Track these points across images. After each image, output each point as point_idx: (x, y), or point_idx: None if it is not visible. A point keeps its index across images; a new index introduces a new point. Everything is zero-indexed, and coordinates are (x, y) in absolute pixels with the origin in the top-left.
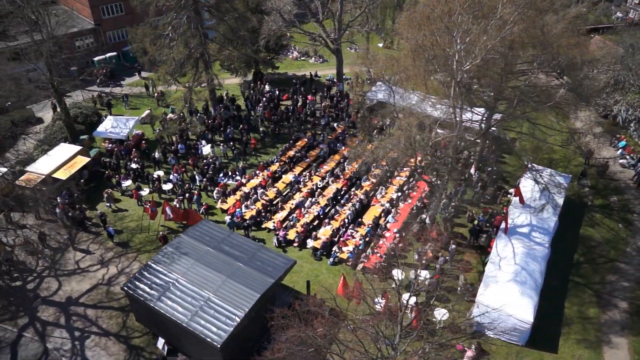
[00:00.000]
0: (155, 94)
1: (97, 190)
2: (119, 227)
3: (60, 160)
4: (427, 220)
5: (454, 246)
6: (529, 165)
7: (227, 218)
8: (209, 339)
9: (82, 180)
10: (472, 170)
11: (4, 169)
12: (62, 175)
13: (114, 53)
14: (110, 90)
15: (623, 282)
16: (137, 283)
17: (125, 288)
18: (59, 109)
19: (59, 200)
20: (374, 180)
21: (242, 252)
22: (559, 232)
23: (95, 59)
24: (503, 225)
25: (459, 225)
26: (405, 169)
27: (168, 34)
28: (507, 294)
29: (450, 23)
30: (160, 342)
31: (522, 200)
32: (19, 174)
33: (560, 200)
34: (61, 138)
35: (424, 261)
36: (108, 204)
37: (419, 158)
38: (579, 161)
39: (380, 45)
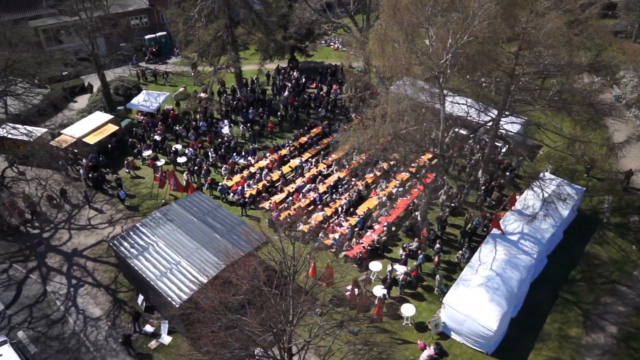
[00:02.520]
0: (193, 73)
1: (121, 156)
2: (132, 192)
3: (92, 126)
4: (418, 218)
5: (438, 246)
6: (542, 174)
7: (231, 194)
8: (169, 298)
9: (109, 146)
10: (480, 173)
11: (44, 129)
12: (91, 140)
13: (164, 32)
14: (155, 67)
15: (619, 306)
16: (122, 241)
17: (112, 244)
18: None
19: (84, 161)
20: (378, 173)
21: (223, 225)
22: (561, 245)
23: (146, 37)
24: (495, 230)
25: (455, 226)
26: (413, 164)
27: (194, 15)
28: (475, 299)
29: (419, 14)
30: (140, 298)
31: (511, 207)
32: (57, 135)
33: (564, 212)
34: (100, 107)
35: (402, 257)
36: (127, 170)
37: (429, 156)
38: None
39: None
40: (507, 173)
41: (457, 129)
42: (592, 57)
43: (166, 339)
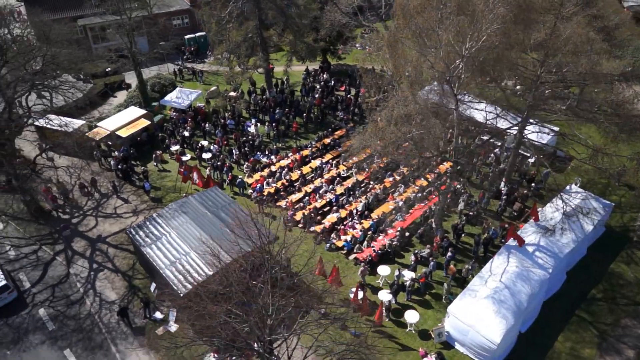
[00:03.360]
0: (225, 73)
1: (152, 150)
2: (158, 185)
3: (126, 120)
4: (433, 225)
5: (450, 254)
6: (568, 187)
7: (250, 191)
8: (175, 287)
9: (138, 139)
10: (502, 183)
11: (82, 122)
12: (123, 133)
13: (203, 33)
14: (192, 66)
15: None
16: (138, 230)
17: (128, 232)
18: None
19: (116, 153)
20: (398, 178)
21: (234, 220)
22: (584, 261)
23: (186, 37)
24: (512, 241)
25: (472, 235)
26: (435, 171)
27: (225, 16)
28: (480, 310)
29: (429, 17)
30: (153, 286)
31: (535, 219)
32: (94, 127)
33: (588, 227)
34: (137, 102)
35: (412, 262)
36: (155, 163)
37: (450, 164)
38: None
39: None
40: (533, 184)
41: (484, 137)
42: (623, 65)
43: (173, 326)
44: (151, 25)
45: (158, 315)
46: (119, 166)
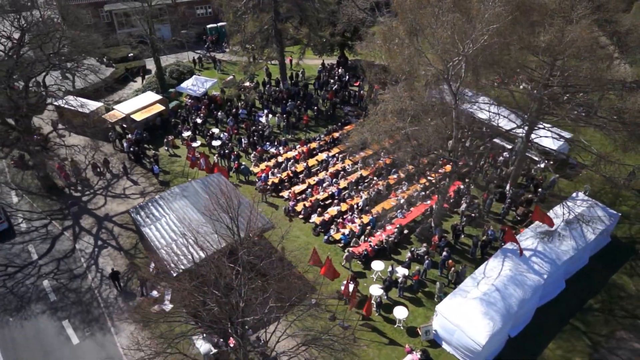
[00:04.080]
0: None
1: (165, 135)
2: (167, 169)
3: (141, 105)
4: (432, 224)
5: (445, 253)
6: (575, 194)
7: (257, 182)
8: (168, 267)
9: (152, 124)
10: (508, 186)
11: (100, 104)
12: (138, 117)
13: (224, 23)
14: (211, 54)
15: (635, 343)
16: (140, 210)
17: (130, 212)
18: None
19: (129, 136)
20: (402, 175)
21: (233, 207)
22: (585, 270)
23: (208, 26)
24: (511, 245)
25: (471, 236)
26: (440, 170)
27: (241, 7)
28: (468, 311)
29: (425, 14)
30: (152, 265)
31: (548, 223)
32: (110, 110)
33: (590, 236)
34: (154, 88)
35: (407, 260)
36: (167, 148)
37: (460, 163)
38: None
39: None
40: (539, 190)
41: (495, 140)
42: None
43: (168, 306)
44: (173, 14)
45: (154, 293)
46: (131, 149)
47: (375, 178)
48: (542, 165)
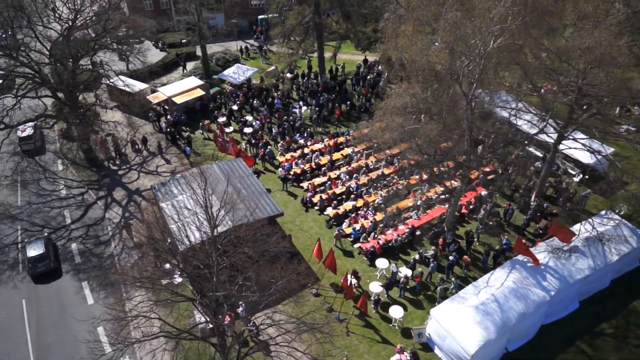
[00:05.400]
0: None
1: (202, 119)
2: (199, 151)
3: (183, 89)
4: (445, 228)
5: (452, 258)
6: (604, 212)
7: (280, 170)
8: (178, 243)
9: (190, 108)
10: (533, 197)
11: (146, 85)
12: (178, 99)
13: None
14: (259, 44)
15: None
16: (161, 186)
17: (152, 187)
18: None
19: (169, 117)
20: (425, 177)
21: (247, 191)
22: (603, 293)
23: (259, 17)
24: (522, 257)
25: (485, 244)
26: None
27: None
28: (462, 318)
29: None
30: (168, 240)
31: (567, 240)
32: (155, 92)
33: (613, 258)
34: (199, 74)
35: (412, 260)
36: (202, 131)
37: (487, 169)
38: None
39: None
40: (568, 204)
41: (528, 148)
42: None
43: (178, 279)
44: (224, 2)
45: (167, 266)
46: (168, 129)
47: (396, 177)
48: (577, 180)
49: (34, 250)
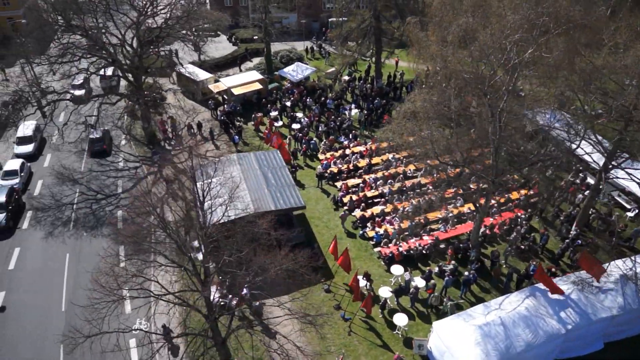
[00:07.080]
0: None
1: (256, 111)
2: (248, 141)
3: (242, 81)
4: (470, 245)
5: (471, 276)
6: None
7: (319, 167)
8: (201, 220)
9: (247, 100)
10: (573, 226)
11: (210, 75)
12: (236, 91)
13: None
14: (324, 46)
15: None
16: (199, 168)
17: (192, 167)
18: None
19: (225, 107)
20: (460, 191)
21: (276, 182)
22: (635, 339)
23: (330, 19)
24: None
25: (511, 266)
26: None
27: (343, 3)
28: (463, 336)
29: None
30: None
31: (596, 275)
32: (217, 82)
33: None
34: (262, 69)
35: (427, 271)
36: (253, 123)
37: (531, 192)
38: None
39: None
40: (614, 239)
41: (585, 173)
42: None
43: (200, 255)
44: (298, 2)
45: (195, 244)
46: (223, 118)
47: (431, 188)
48: (632, 215)
49: None
